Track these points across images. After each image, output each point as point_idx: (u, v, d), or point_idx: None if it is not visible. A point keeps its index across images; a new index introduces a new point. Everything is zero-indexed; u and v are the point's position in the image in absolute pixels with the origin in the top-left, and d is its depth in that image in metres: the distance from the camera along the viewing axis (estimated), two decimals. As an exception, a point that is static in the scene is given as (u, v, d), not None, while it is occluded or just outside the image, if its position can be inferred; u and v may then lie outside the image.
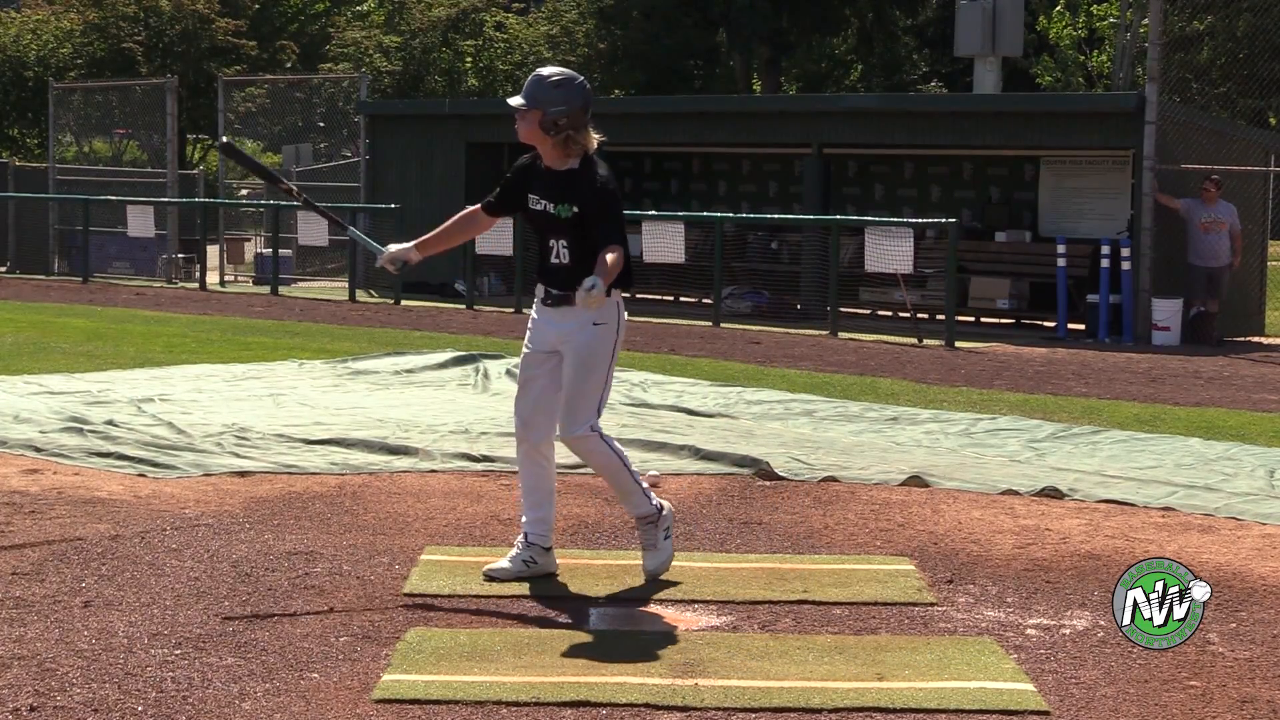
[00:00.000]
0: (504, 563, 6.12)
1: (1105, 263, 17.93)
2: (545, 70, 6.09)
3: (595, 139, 6.04)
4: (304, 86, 30.93)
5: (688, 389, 12.05)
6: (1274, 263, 21.23)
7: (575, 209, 5.94)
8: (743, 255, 21.89)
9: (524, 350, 6.28)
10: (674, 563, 6.41)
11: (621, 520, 7.25)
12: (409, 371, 12.71)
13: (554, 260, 6.05)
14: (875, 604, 5.88)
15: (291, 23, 43.17)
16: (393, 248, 6.37)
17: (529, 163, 6.15)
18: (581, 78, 6.08)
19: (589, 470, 8.44)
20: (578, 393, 6.04)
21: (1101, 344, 17.44)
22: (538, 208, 6.06)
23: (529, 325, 6.26)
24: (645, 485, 6.23)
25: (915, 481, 8.30)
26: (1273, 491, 8.28)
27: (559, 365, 6.14)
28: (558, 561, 6.24)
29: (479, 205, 6.36)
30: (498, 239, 21.06)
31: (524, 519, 6.21)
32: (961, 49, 26.03)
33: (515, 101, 6.00)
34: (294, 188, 7.02)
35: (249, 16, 38.96)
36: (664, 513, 6.19)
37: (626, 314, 6.16)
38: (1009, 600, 5.98)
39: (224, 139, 6.73)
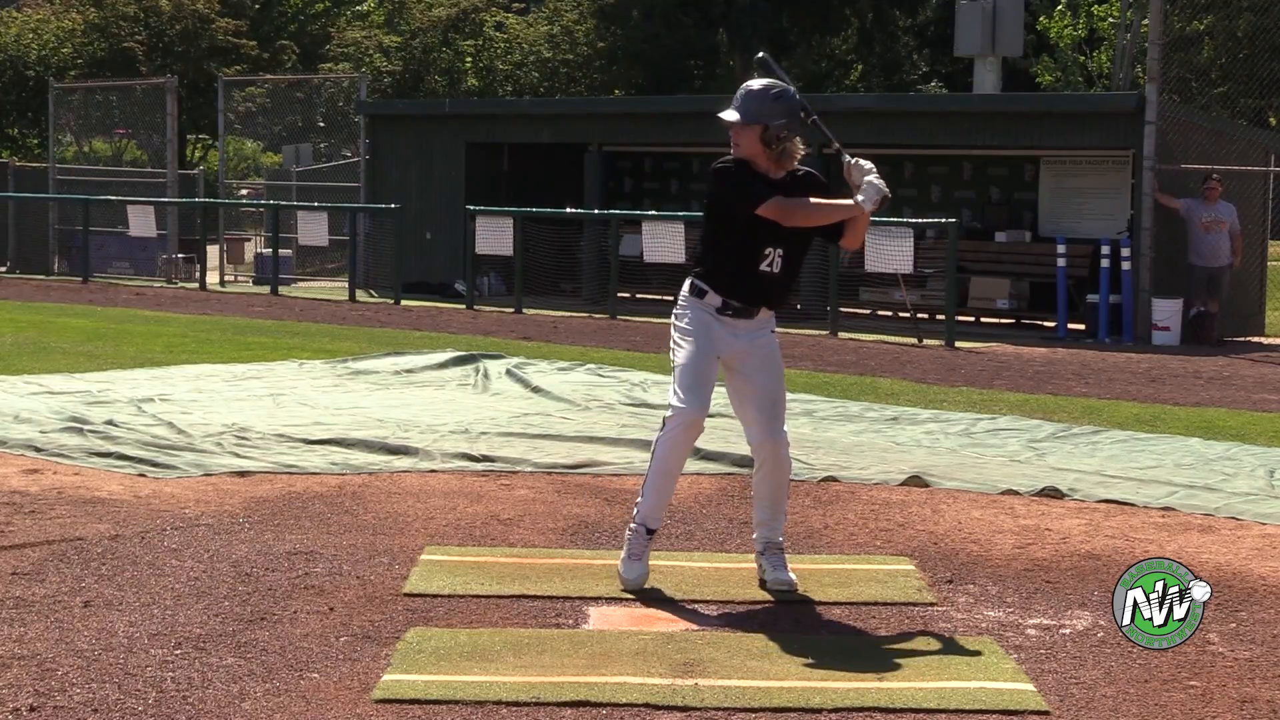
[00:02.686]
0: (632, 563, 6.00)
1: (1105, 263, 17.94)
2: (755, 84, 6.01)
3: (801, 148, 6.05)
4: (304, 86, 30.93)
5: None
6: (1274, 263, 21.24)
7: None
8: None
9: (697, 339, 5.98)
10: (674, 563, 6.42)
11: (621, 520, 7.25)
12: (409, 371, 12.70)
13: (765, 268, 5.98)
14: (875, 604, 5.88)
15: (291, 23, 43.17)
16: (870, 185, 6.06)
17: (749, 168, 6.00)
18: (792, 88, 6.04)
19: (589, 470, 8.47)
20: (776, 399, 6.03)
21: (1101, 344, 17.44)
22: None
23: (692, 323, 6.01)
24: None
25: (915, 481, 8.30)
26: (1273, 491, 8.28)
27: (717, 369, 6.08)
28: (558, 560, 6.24)
29: (778, 194, 5.99)
30: (498, 239, 21.06)
31: (648, 505, 6.03)
32: (961, 49, 26.01)
33: (731, 117, 5.93)
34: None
35: (249, 16, 38.96)
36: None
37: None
38: (1009, 600, 5.98)
39: (761, 54, 6.61)
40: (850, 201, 6.01)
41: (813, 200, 6.02)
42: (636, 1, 38.42)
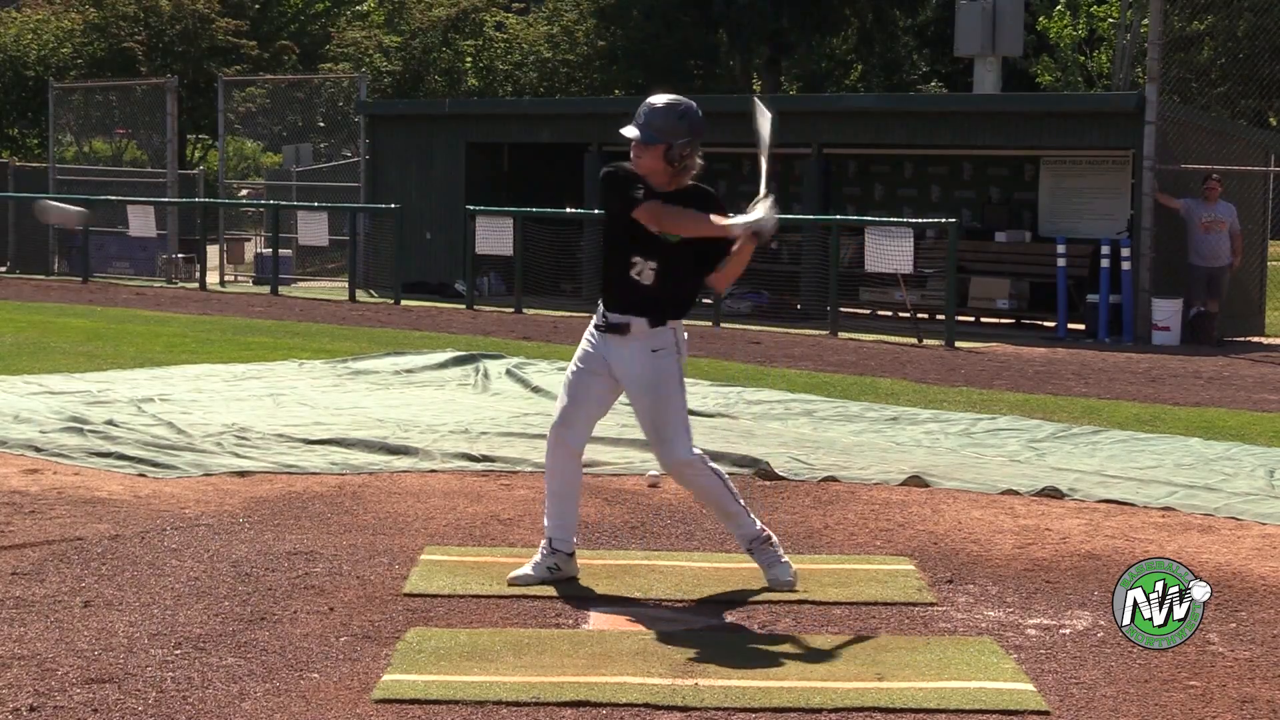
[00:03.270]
0: (527, 569, 6.06)
1: (1105, 263, 17.94)
2: (659, 100, 5.90)
3: (699, 164, 5.94)
4: (304, 86, 30.93)
5: (688, 389, 12.03)
6: (1274, 263, 21.23)
7: (681, 236, 5.85)
8: (743, 255, 21.85)
9: (579, 354, 6.06)
10: (674, 563, 6.42)
11: (622, 520, 7.26)
12: (409, 371, 12.71)
13: (633, 275, 5.90)
14: (875, 604, 5.88)
15: (291, 23, 43.16)
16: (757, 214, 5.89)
17: (634, 174, 5.91)
18: (669, 99, 5.95)
19: (589, 470, 8.46)
20: (661, 420, 5.95)
21: (1101, 344, 17.44)
22: (650, 229, 5.87)
23: (585, 337, 6.08)
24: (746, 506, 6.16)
25: (915, 481, 8.30)
26: (1273, 491, 8.28)
27: (611, 386, 6.05)
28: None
29: (655, 200, 5.88)
30: (498, 239, 21.06)
31: (548, 524, 6.12)
32: (961, 49, 26.02)
33: (631, 133, 5.85)
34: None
35: (249, 16, 38.96)
36: (770, 534, 6.14)
37: (686, 336, 6.07)
38: (1009, 600, 5.98)
39: (756, 101, 6.46)
40: (723, 221, 5.83)
41: (687, 210, 5.86)
42: (636, 1, 38.41)
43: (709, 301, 19.63)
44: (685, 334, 6.08)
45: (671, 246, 5.88)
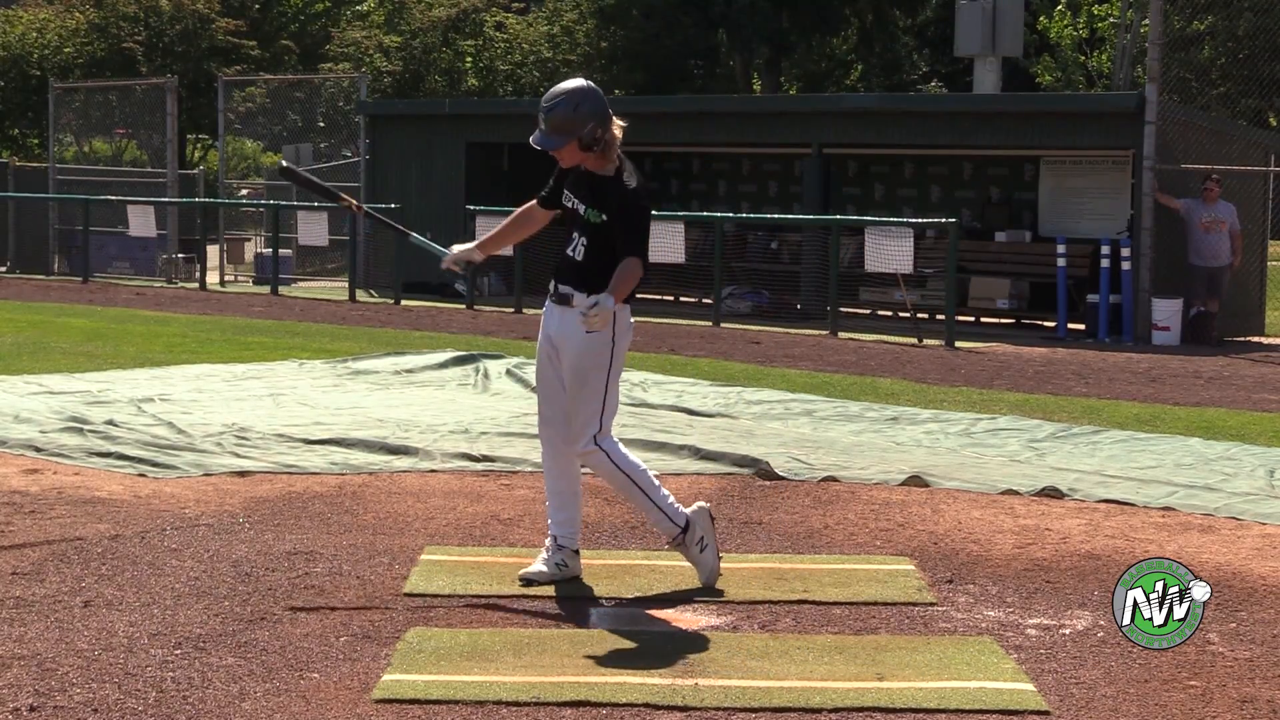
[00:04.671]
0: (539, 565, 6.07)
1: (1105, 263, 17.93)
2: (556, 99, 5.89)
3: (619, 125, 5.97)
4: (304, 86, 30.92)
5: (688, 389, 12.05)
6: (1274, 263, 21.24)
7: (604, 217, 5.91)
8: (743, 255, 21.89)
9: (538, 347, 6.20)
10: (674, 563, 6.42)
11: (621, 520, 7.26)
12: (409, 371, 12.71)
13: (569, 252, 6.02)
14: (875, 604, 5.88)
15: (292, 23, 43.16)
16: (456, 249, 6.34)
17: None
18: (587, 82, 6.02)
19: (590, 470, 8.46)
20: (575, 403, 5.98)
21: (1101, 344, 17.44)
22: (568, 205, 6.06)
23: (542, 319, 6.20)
24: (671, 501, 6.09)
25: (915, 481, 8.30)
26: (1273, 491, 8.28)
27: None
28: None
29: (536, 199, 6.31)
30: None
31: (551, 521, 6.13)
32: (961, 49, 26.02)
33: (547, 144, 5.90)
34: (355, 203, 6.84)
35: (249, 16, 38.96)
36: (689, 529, 6.03)
37: (632, 320, 6.11)
38: (1009, 600, 5.98)
39: (283, 163, 6.63)
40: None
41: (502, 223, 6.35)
42: (636, 1, 38.41)
43: (709, 302, 19.64)
44: (630, 318, 6.08)
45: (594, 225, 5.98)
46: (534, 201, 6.31)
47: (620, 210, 5.92)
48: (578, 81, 6.01)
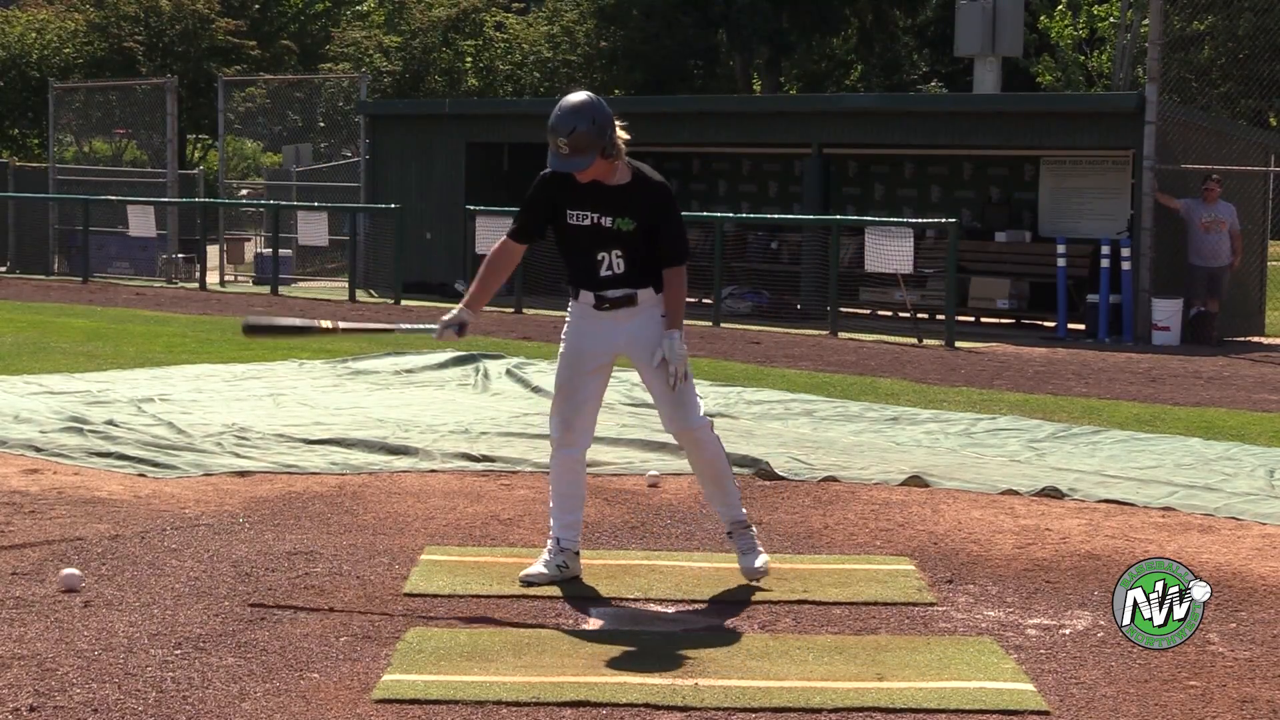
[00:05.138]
0: (539, 567, 6.07)
1: (1105, 263, 17.93)
2: (574, 120, 5.78)
3: (622, 126, 5.93)
4: (304, 86, 30.91)
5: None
6: (1274, 263, 21.24)
7: (634, 224, 5.86)
8: (743, 255, 21.89)
9: (569, 355, 6.10)
10: (674, 563, 6.43)
11: (621, 520, 7.26)
12: (409, 371, 12.71)
13: (605, 272, 5.93)
14: (875, 604, 5.88)
15: (292, 23, 43.16)
16: (444, 318, 6.21)
17: (555, 177, 5.98)
18: (588, 93, 5.97)
19: (589, 470, 8.46)
20: (673, 392, 5.94)
21: (1101, 344, 17.44)
22: (584, 223, 5.92)
23: (570, 332, 6.11)
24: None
25: (915, 481, 8.30)
26: (1273, 491, 8.27)
27: (607, 377, 6.14)
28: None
29: (505, 238, 6.19)
30: (498, 239, 21.01)
31: (555, 523, 6.13)
32: (961, 49, 26.03)
33: (574, 167, 5.81)
34: (329, 324, 6.57)
35: (249, 16, 38.96)
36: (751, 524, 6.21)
37: None
38: (1009, 600, 5.98)
39: (247, 320, 6.56)
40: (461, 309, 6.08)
41: (481, 271, 6.29)
42: (636, 1, 38.41)
43: (709, 302, 19.63)
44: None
45: (623, 236, 5.92)
46: (505, 240, 6.18)
47: (663, 212, 5.90)
48: (581, 95, 5.92)
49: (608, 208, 5.90)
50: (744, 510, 6.22)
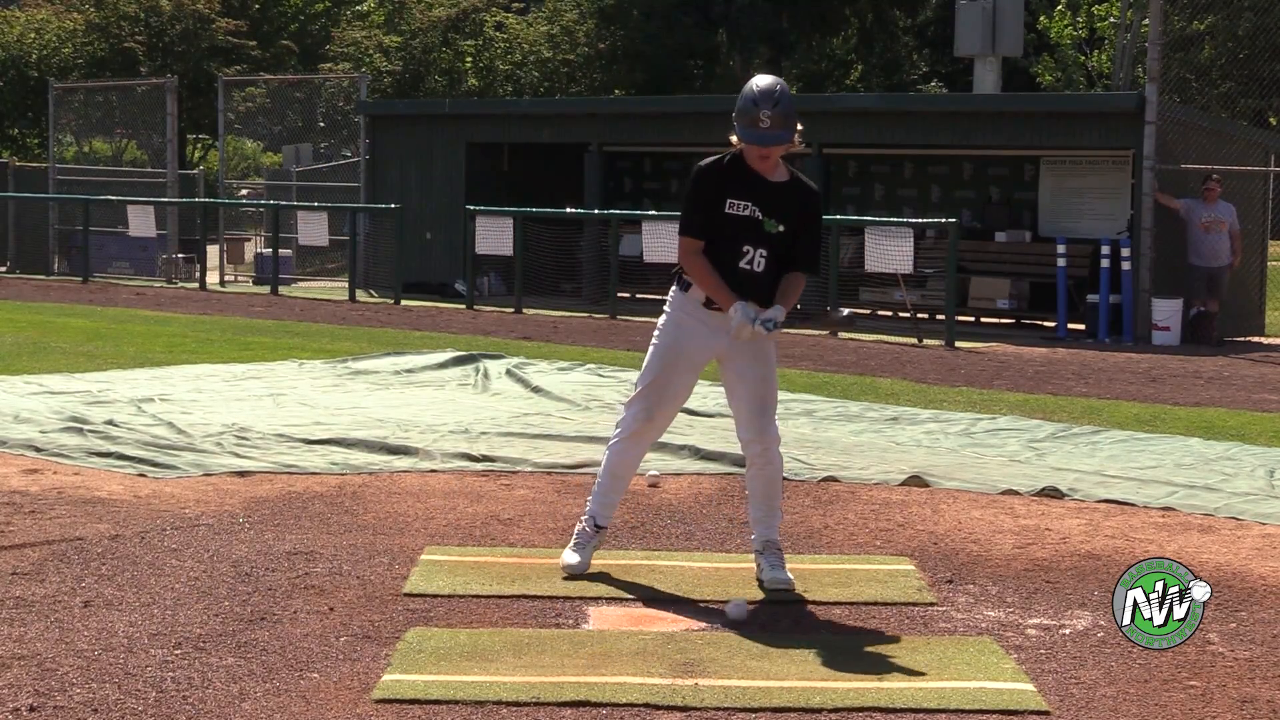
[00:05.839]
0: (576, 555, 6.14)
1: (1105, 263, 17.94)
2: (778, 92, 5.68)
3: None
4: (304, 86, 30.92)
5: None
6: (1274, 263, 21.23)
7: (781, 228, 5.81)
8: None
9: (667, 350, 6.07)
10: (674, 563, 6.43)
11: (622, 520, 7.25)
12: (409, 371, 12.71)
13: (745, 266, 5.84)
14: (875, 604, 5.88)
15: (292, 23, 43.17)
16: (735, 315, 5.82)
17: (721, 166, 5.85)
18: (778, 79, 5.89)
19: (590, 470, 8.46)
20: (770, 394, 6.00)
21: (1101, 344, 17.44)
22: (744, 213, 5.81)
23: (676, 323, 6.04)
24: None
25: (915, 481, 8.30)
26: (1273, 491, 8.27)
27: (698, 375, 6.18)
28: (558, 560, 6.25)
29: (687, 239, 5.90)
30: (498, 239, 21.06)
31: (598, 504, 6.19)
32: (961, 49, 26.01)
33: (783, 138, 5.69)
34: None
35: (249, 16, 38.96)
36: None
37: None
38: (1009, 600, 5.98)
39: None
40: (728, 299, 5.82)
41: (705, 270, 5.86)
42: (636, 1, 38.42)
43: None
44: None
45: (774, 236, 5.86)
46: (687, 241, 5.91)
47: (812, 218, 5.90)
48: (771, 77, 5.84)
49: (764, 203, 5.83)
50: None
